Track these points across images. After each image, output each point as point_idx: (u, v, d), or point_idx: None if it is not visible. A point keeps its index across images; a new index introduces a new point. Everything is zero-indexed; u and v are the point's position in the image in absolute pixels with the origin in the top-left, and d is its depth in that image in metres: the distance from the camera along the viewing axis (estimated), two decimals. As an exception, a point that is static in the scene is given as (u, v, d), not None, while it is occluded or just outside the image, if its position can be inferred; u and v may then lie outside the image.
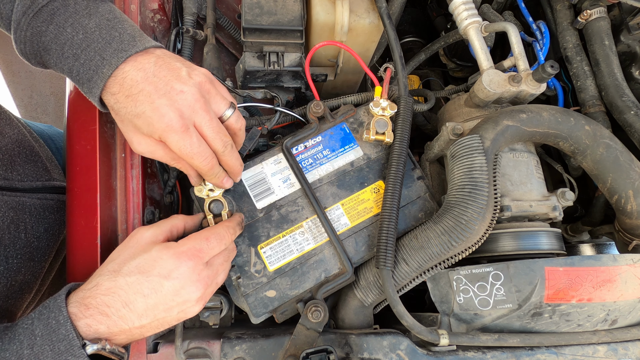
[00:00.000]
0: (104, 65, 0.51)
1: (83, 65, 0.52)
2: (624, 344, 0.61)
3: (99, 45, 0.52)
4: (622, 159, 0.63)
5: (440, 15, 1.07)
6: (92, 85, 0.52)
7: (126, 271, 0.50)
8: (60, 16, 0.52)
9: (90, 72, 0.52)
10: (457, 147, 0.64)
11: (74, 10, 0.53)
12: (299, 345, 0.59)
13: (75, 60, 0.52)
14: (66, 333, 0.45)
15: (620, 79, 0.74)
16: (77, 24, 0.52)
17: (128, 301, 0.48)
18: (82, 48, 0.52)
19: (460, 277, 0.62)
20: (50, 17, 0.52)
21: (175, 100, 0.51)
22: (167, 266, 0.50)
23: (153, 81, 0.51)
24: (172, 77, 0.52)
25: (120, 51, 0.52)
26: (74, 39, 0.52)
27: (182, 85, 0.52)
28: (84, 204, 0.62)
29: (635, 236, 0.66)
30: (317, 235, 0.66)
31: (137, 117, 0.51)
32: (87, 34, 0.52)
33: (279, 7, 0.72)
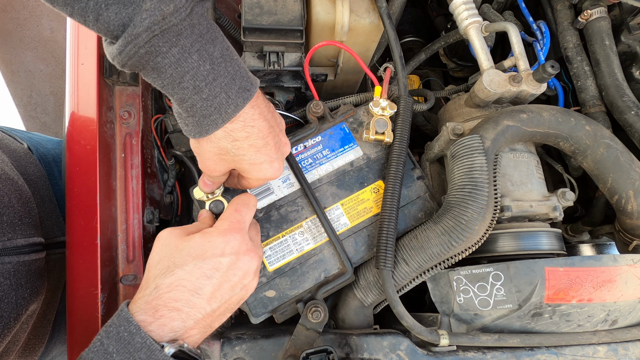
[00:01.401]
0: (229, 104, 0.47)
1: (205, 100, 0.46)
2: (624, 344, 0.61)
3: (226, 79, 0.47)
4: (622, 159, 0.63)
5: (440, 15, 1.07)
6: (208, 122, 0.48)
7: (180, 262, 0.48)
8: (187, 39, 0.44)
9: (211, 109, 0.47)
10: (458, 147, 0.64)
11: (199, 32, 0.45)
12: (298, 346, 0.59)
13: (195, 92, 0.46)
14: (142, 341, 0.43)
15: (620, 79, 0.74)
16: (204, 52, 0.46)
17: (195, 288, 0.47)
18: (207, 81, 0.46)
19: (460, 277, 0.62)
20: (176, 38, 0.44)
21: (282, 155, 0.56)
22: (218, 245, 0.50)
23: (274, 134, 0.53)
24: (280, 129, 0.57)
25: (244, 90, 0.48)
26: (199, 69, 0.45)
27: (284, 137, 0.57)
28: (84, 204, 0.62)
29: (635, 236, 0.66)
30: (316, 235, 0.66)
31: (252, 165, 0.53)
32: (214, 65, 0.46)
33: (279, 7, 0.72)
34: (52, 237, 0.75)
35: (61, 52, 2.13)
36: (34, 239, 0.68)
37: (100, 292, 0.61)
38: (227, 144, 0.50)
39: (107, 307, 0.62)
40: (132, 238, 0.66)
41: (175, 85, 0.46)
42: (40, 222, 0.73)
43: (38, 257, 0.69)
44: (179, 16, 0.43)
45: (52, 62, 2.16)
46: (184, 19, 0.44)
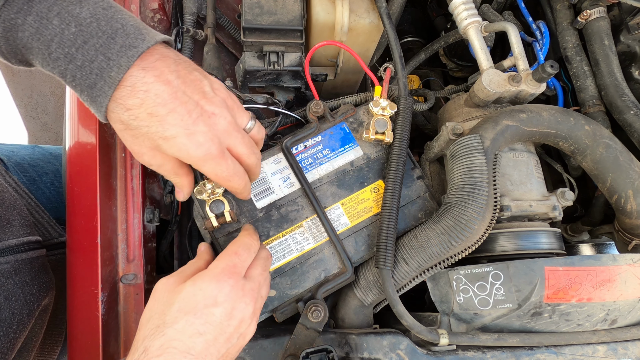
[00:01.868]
0: (111, 67, 0.41)
1: (81, 68, 0.41)
2: (624, 344, 0.61)
3: (101, 40, 0.41)
4: (621, 158, 0.63)
5: (440, 15, 1.07)
6: (96, 93, 0.42)
7: (171, 320, 0.44)
8: (41, 4, 0.40)
9: (93, 77, 0.42)
10: (457, 147, 0.64)
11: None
12: (298, 345, 0.59)
13: (69, 62, 0.41)
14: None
15: (620, 79, 0.74)
16: (65, 13, 0.40)
17: (187, 348, 0.43)
18: (76, 46, 0.41)
19: (460, 276, 0.62)
20: (28, 5, 0.40)
21: (210, 125, 0.47)
22: (210, 293, 0.46)
23: (184, 100, 0.45)
24: (200, 94, 0.47)
25: (129, 48, 0.42)
26: (63, 33, 0.40)
27: (212, 106, 0.47)
28: (84, 203, 0.62)
29: (635, 236, 0.66)
30: (316, 235, 0.66)
31: (165, 139, 0.45)
32: (82, 26, 0.41)
33: (279, 7, 0.72)
34: (48, 238, 0.74)
35: (61, 52, 2.14)
36: (29, 238, 0.66)
37: (100, 291, 0.61)
38: (123, 116, 0.44)
39: (107, 306, 0.62)
40: (132, 237, 0.66)
41: (47, 60, 0.41)
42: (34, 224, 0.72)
43: (38, 255, 0.68)
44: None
45: (52, 62, 2.16)
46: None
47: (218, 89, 0.50)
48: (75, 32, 0.41)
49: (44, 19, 0.40)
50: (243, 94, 0.73)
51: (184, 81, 0.46)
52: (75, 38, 0.41)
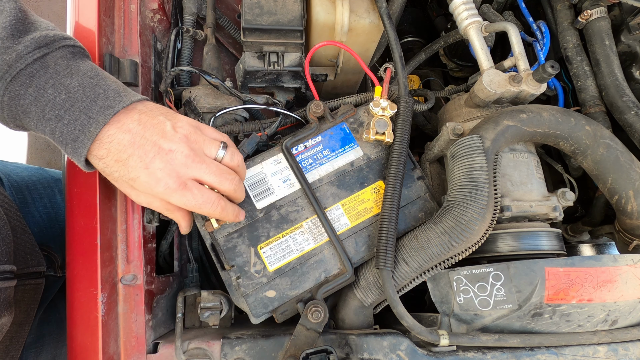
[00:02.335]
0: (91, 124, 0.50)
1: (67, 125, 0.50)
2: (625, 345, 0.61)
3: (84, 104, 0.50)
4: (622, 159, 0.63)
5: (440, 15, 1.07)
6: (77, 145, 0.50)
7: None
8: (40, 78, 0.50)
9: (76, 132, 0.50)
10: (457, 147, 0.64)
11: (54, 71, 0.51)
12: (299, 346, 0.59)
13: (57, 121, 0.50)
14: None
15: (620, 79, 0.74)
16: (58, 85, 0.50)
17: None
18: (65, 108, 0.50)
19: (460, 277, 0.62)
20: (30, 79, 0.50)
21: (167, 161, 0.52)
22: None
23: (141, 144, 0.51)
24: (159, 135, 0.52)
25: (107, 108, 0.51)
26: (56, 99, 0.50)
27: (170, 143, 0.52)
28: (83, 204, 0.62)
29: (635, 236, 0.66)
30: (317, 236, 0.66)
31: (133, 181, 0.52)
32: (70, 93, 0.50)
33: (279, 7, 0.72)
34: (24, 266, 0.73)
35: (61, 52, 2.13)
36: (4, 267, 0.66)
37: (100, 292, 0.61)
38: (99, 165, 0.52)
39: (107, 307, 0.62)
40: (132, 238, 0.66)
41: (42, 121, 0.50)
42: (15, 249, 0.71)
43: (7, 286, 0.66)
44: (25, 61, 0.50)
45: (52, 62, 2.15)
46: (31, 63, 0.50)
47: (181, 126, 0.55)
48: (64, 98, 0.50)
49: (41, 90, 0.50)
50: (243, 94, 0.73)
51: (144, 127, 0.52)
52: (64, 103, 0.50)
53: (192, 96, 0.73)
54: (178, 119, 0.56)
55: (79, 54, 0.55)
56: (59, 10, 2.11)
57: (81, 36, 0.64)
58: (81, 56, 0.55)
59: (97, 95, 0.51)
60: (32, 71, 0.50)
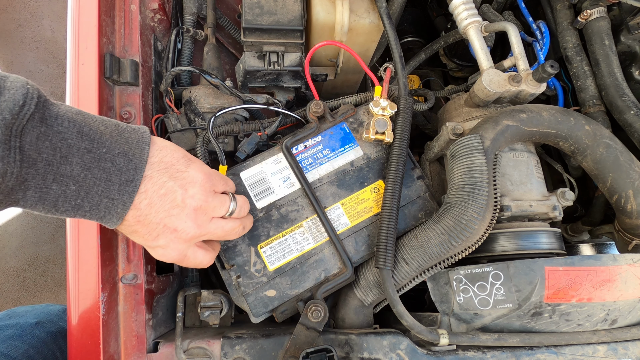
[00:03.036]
0: (117, 205, 0.46)
1: (90, 211, 0.46)
2: (624, 344, 0.61)
3: (99, 188, 0.45)
4: (622, 158, 0.63)
5: (440, 15, 1.07)
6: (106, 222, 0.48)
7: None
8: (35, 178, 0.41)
9: (102, 213, 0.46)
10: (457, 147, 0.64)
11: (45, 163, 0.41)
12: (299, 345, 0.59)
13: (77, 210, 0.45)
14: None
15: (620, 78, 0.74)
16: (59, 177, 0.42)
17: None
18: (81, 197, 0.44)
19: (460, 276, 0.62)
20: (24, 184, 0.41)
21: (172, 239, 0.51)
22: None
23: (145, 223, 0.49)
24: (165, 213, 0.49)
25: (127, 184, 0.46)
26: (66, 193, 0.43)
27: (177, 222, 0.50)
28: (84, 203, 0.62)
29: (635, 236, 0.66)
30: (317, 235, 0.66)
31: (150, 249, 0.53)
32: (79, 183, 0.44)
33: (279, 7, 0.72)
34: None
35: (62, 53, 2.13)
36: None
37: (100, 291, 0.61)
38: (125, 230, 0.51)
39: (107, 306, 0.62)
40: (133, 238, 0.66)
41: (56, 213, 0.45)
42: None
43: None
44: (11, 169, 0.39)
45: (52, 62, 2.16)
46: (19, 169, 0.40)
47: (192, 196, 0.51)
48: (75, 189, 0.44)
49: (44, 188, 0.42)
50: (243, 94, 0.73)
51: (150, 203, 0.48)
52: (77, 193, 0.44)
53: (192, 96, 0.73)
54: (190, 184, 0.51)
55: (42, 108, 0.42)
56: (59, 10, 2.11)
57: (82, 38, 0.64)
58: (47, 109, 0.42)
59: (108, 173, 0.45)
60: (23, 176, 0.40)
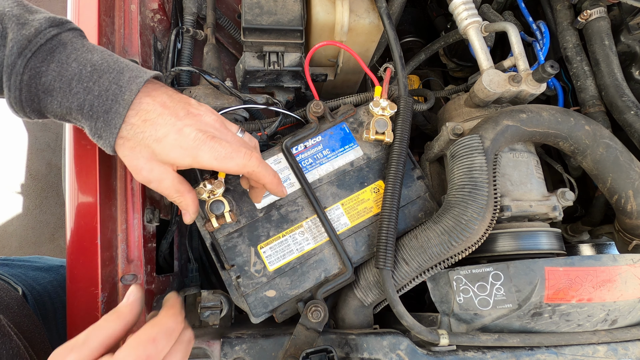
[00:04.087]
0: (124, 92, 0.49)
1: (98, 97, 0.49)
2: (624, 344, 0.61)
3: (112, 75, 0.49)
4: (622, 159, 0.63)
5: (440, 15, 1.07)
6: (111, 116, 0.49)
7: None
8: (61, 53, 0.49)
9: (109, 103, 0.49)
10: (457, 147, 0.64)
11: (72, 47, 0.50)
12: (299, 345, 0.59)
13: (87, 93, 0.48)
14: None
15: (620, 79, 0.74)
16: (81, 59, 0.49)
17: None
18: (93, 80, 0.49)
19: (460, 277, 0.62)
20: (51, 55, 0.48)
21: (197, 120, 0.52)
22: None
23: (170, 105, 0.51)
24: (185, 102, 0.54)
25: (136, 77, 0.50)
26: (82, 72, 0.49)
27: (198, 109, 0.54)
28: (84, 204, 0.62)
29: (635, 236, 0.66)
30: (317, 235, 0.66)
31: (158, 141, 0.50)
32: (95, 67, 0.49)
33: (279, 7, 0.72)
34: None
35: (61, 53, 2.13)
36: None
37: (100, 291, 0.61)
38: (128, 133, 0.50)
39: (107, 307, 0.62)
40: (132, 238, 0.66)
41: (67, 96, 0.49)
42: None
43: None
44: (45, 37, 0.48)
45: (52, 62, 2.15)
46: (51, 39, 0.49)
47: (203, 105, 0.56)
48: (91, 70, 0.49)
49: (65, 64, 0.49)
50: (243, 94, 0.73)
51: (171, 98, 0.53)
52: (91, 75, 0.49)
53: (192, 96, 0.73)
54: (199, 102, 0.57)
55: (85, 37, 0.54)
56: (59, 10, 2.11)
57: (81, 36, 0.64)
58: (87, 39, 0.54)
59: (121, 67, 0.50)
60: (52, 47, 0.48)
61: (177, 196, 0.54)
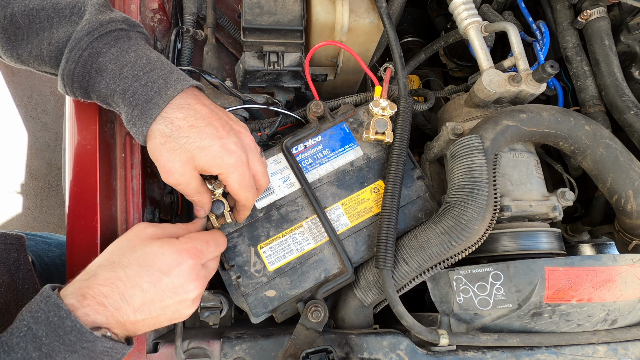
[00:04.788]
0: (168, 87, 0.52)
1: (144, 86, 0.51)
2: (624, 344, 0.61)
3: (163, 71, 0.53)
4: (622, 159, 0.63)
5: (440, 15, 1.07)
6: (150, 106, 0.51)
7: (126, 263, 0.49)
8: (123, 42, 0.54)
9: (152, 93, 0.51)
10: (457, 147, 0.64)
11: (136, 42, 0.55)
12: (298, 345, 0.59)
13: (134, 80, 0.52)
14: (72, 324, 0.44)
15: (620, 79, 0.74)
16: (140, 52, 0.54)
17: (126, 294, 0.47)
18: (144, 71, 0.52)
19: (460, 277, 0.62)
20: (114, 41, 0.53)
21: (240, 138, 0.56)
22: (168, 262, 0.50)
23: (218, 117, 0.54)
24: (228, 117, 0.57)
25: (183, 80, 0.53)
26: (136, 62, 0.52)
27: (239, 126, 0.57)
28: (84, 204, 0.62)
29: (635, 236, 0.66)
30: (316, 235, 0.66)
31: (201, 149, 0.52)
32: (150, 61, 0.53)
33: (279, 7, 0.72)
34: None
35: (61, 52, 2.13)
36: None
37: (100, 291, 0.61)
38: (166, 128, 0.52)
39: (107, 306, 0.62)
40: (132, 238, 0.66)
41: (116, 78, 0.52)
42: None
43: None
44: (116, 25, 0.54)
45: (52, 62, 2.15)
46: (120, 29, 0.54)
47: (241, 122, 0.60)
48: (145, 63, 0.53)
49: (124, 51, 0.53)
50: (243, 94, 0.73)
51: (215, 106, 0.57)
52: (144, 66, 0.53)
53: (192, 96, 0.73)
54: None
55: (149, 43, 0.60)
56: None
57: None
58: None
59: (173, 69, 0.54)
60: (118, 36, 0.53)
61: (197, 196, 0.57)
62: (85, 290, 0.47)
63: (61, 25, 0.53)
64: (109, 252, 0.51)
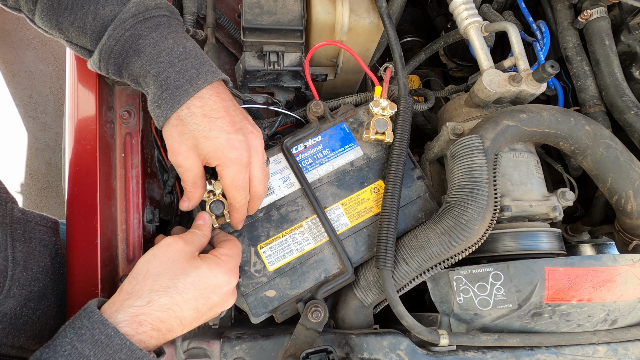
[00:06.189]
0: (199, 77, 0.55)
1: (178, 72, 0.54)
2: (624, 344, 0.61)
3: (196, 61, 0.56)
4: (622, 159, 0.63)
5: (440, 15, 1.07)
6: (180, 93, 0.54)
7: (182, 288, 0.50)
8: (164, 29, 0.56)
9: (183, 81, 0.54)
10: (457, 147, 0.64)
11: (175, 30, 0.58)
12: (298, 345, 0.59)
13: (169, 66, 0.54)
14: (122, 342, 0.45)
15: (620, 79, 0.74)
16: (178, 39, 0.56)
17: (181, 316, 0.50)
18: (180, 59, 0.55)
19: (460, 277, 0.62)
20: (156, 26, 0.56)
21: (247, 138, 0.57)
22: (220, 283, 0.53)
23: (232, 113, 0.56)
24: (244, 117, 0.59)
25: (213, 72, 0.56)
26: (173, 49, 0.55)
27: (252, 127, 0.59)
28: (84, 204, 0.62)
29: (635, 236, 0.66)
30: (316, 235, 0.66)
31: (207, 139, 0.54)
32: (186, 50, 0.56)
33: (279, 6, 0.72)
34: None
35: (61, 52, 2.13)
36: None
37: (100, 291, 0.61)
38: (182, 112, 0.54)
39: (107, 306, 0.62)
40: (132, 238, 0.66)
41: (152, 61, 0.54)
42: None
43: None
44: (160, 12, 0.57)
45: (52, 62, 2.15)
46: (163, 16, 0.57)
47: (257, 127, 0.61)
48: (181, 51, 0.56)
49: (163, 37, 0.56)
50: (243, 94, 0.73)
51: (233, 103, 0.59)
52: (180, 54, 0.56)
53: (192, 96, 0.73)
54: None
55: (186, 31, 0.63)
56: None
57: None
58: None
59: (205, 60, 0.57)
60: (160, 21, 0.56)
61: (191, 187, 0.59)
62: (141, 317, 0.47)
63: (108, 3, 0.55)
64: (157, 274, 0.51)
